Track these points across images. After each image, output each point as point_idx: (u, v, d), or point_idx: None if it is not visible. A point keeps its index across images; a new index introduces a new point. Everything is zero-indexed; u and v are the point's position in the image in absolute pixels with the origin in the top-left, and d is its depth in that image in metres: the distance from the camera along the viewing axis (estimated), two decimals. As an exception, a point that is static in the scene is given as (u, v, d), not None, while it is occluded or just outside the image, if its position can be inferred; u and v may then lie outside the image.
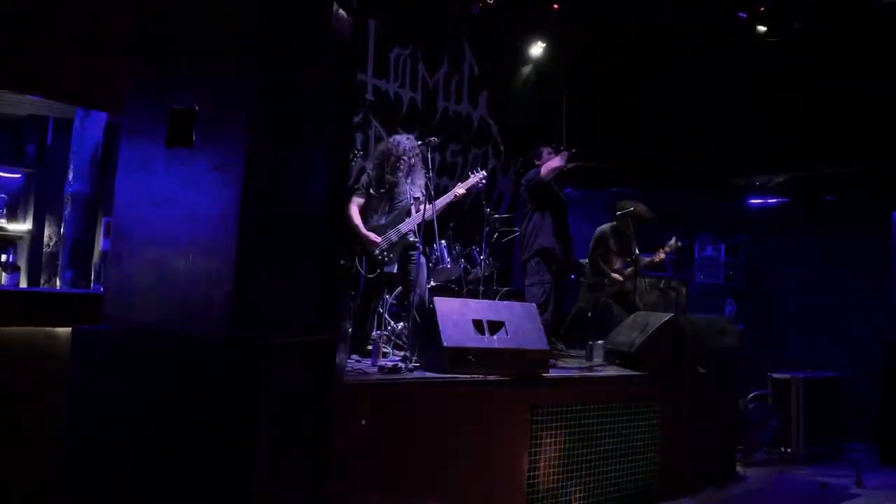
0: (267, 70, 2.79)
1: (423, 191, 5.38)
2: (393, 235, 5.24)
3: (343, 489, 3.51)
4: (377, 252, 5.17)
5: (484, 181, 5.61)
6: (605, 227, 7.14)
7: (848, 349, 7.98)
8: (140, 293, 2.91)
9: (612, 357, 5.69)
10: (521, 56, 8.57)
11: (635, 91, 8.40)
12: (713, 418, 5.83)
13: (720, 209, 9.10)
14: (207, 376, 2.72)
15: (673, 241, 7.03)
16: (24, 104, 6.07)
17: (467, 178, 5.58)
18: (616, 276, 6.95)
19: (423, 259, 5.23)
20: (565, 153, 6.03)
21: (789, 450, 6.78)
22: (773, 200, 8.74)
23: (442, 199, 5.37)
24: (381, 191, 5.26)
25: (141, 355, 2.85)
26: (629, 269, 6.88)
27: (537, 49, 8.44)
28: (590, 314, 7.17)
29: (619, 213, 6.96)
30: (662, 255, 7.06)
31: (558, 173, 6.16)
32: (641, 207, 6.97)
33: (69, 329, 3.27)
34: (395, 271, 5.29)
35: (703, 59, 7.95)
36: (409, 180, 5.32)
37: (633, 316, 6.14)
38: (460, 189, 5.42)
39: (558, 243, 6.15)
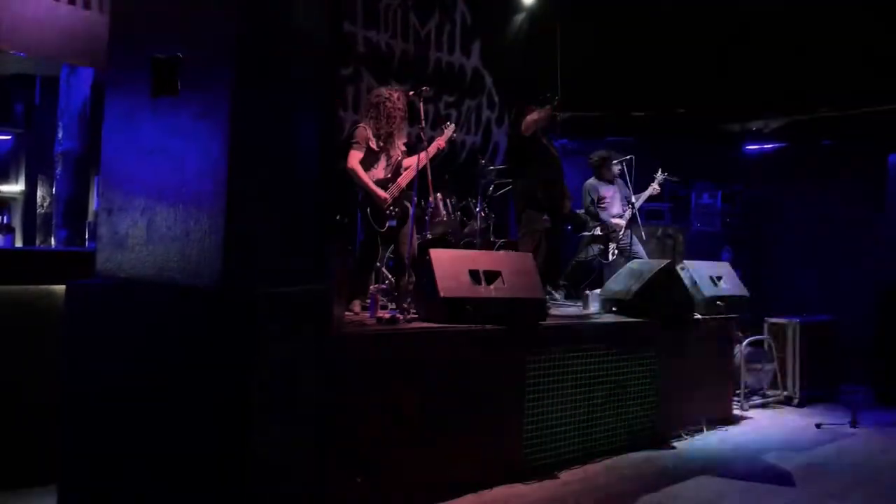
0: (250, 14, 2.73)
1: (412, 141, 5.35)
2: (395, 190, 5.22)
3: (341, 439, 3.55)
4: (387, 207, 5.16)
5: (454, 133, 5.63)
6: (590, 179, 7.22)
7: (844, 293, 8.02)
8: (131, 246, 2.89)
9: (608, 305, 5.70)
10: (513, 4, 8.42)
11: (631, 37, 8.27)
12: (710, 363, 5.88)
13: (717, 156, 9.05)
14: (201, 328, 2.72)
15: (659, 172, 7.10)
16: (9, 62, 5.96)
17: (441, 131, 5.53)
18: (617, 221, 7.01)
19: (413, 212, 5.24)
20: (548, 107, 6.01)
21: (786, 393, 6.86)
22: (770, 146, 8.68)
23: (427, 151, 5.31)
24: (381, 144, 5.22)
25: (134, 308, 2.85)
26: (628, 212, 6.95)
27: (530, -4, 8.30)
28: (593, 263, 7.21)
29: (590, 165, 7.29)
30: (657, 186, 7.09)
31: (544, 125, 6.15)
32: (603, 152, 7.27)
33: (65, 286, 3.27)
34: (395, 225, 5.28)
35: (699, 3, 7.82)
36: (400, 132, 5.30)
37: (629, 263, 6.14)
38: (442, 142, 5.38)
39: (547, 194, 6.15)
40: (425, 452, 3.96)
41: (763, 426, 6.06)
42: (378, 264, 5.56)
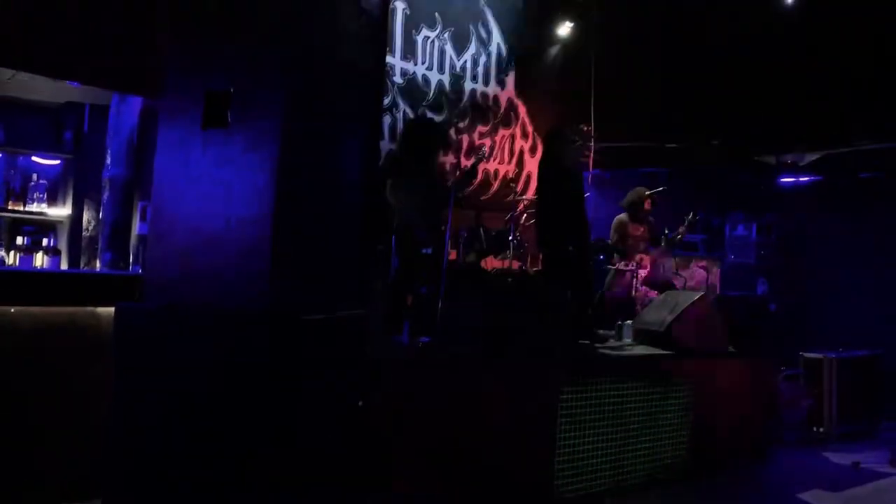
0: (299, 49, 2.84)
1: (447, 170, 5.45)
2: (432, 218, 5.30)
3: (376, 461, 3.59)
4: (424, 236, 5.24)
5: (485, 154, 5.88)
6: (622, 215, 7.21)
7: (883, 328, 7.87)
8: (179, 270, 2.99)
9: (641, 336, 5.68)
10: (549, 36, 8.54)
11: (665, 68, 8.32)
12: (744, 397, 5.81)
13: (752, 188, 9.00)
14: (245, 351, 2.80)
15: (691, 215, 7.06)
16: (62, 91, 6.19)
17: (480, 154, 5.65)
18: (642, 257, 6.99)
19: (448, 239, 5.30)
20: (584, 141, 6.04)
21: (822, 429, 6.73)
22: (806, 178, 8.63)
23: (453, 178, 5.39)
24: (416, 173, 5.33)
25: (180, 330, 2.94)
26: (655, 251, 6.94)
27: (565, 29, 8.41)
28: (619, 299, 7.18)
29: (622, 205, 7.20)
30: (682, 230, 7.07)
31: (577, 156, 6.17)
32: (639, 190, 7.12)
33: (110, 309, 3.37)
34: (430, 252, 5.35)
35: (735, 34, 7.85)
36: (434, 162, 5.41)
37: (663, 295, 6.12)
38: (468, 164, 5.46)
39: (571, 225, 6.15)
40: (456, 480, 3.97)
41: (798, 464, 5.95)
42: (413, 291, 5.61)
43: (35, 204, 6.36)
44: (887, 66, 7.40)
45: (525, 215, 7.09)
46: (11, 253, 6.04)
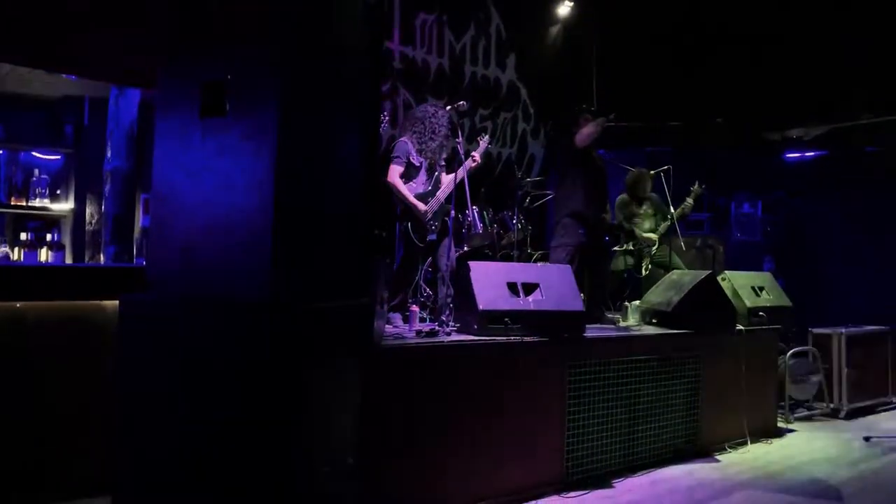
0: (297, 36, 2.81)
1: (447, 157, 5.42)
2: (435, 203, 5.28)
3: (382, 451, 3.59)
4: (428, 220, 5.22)
5: (490, 145, 5.88)
6: (623, 195, 7.18)
7: (891, 302, 7.84)
8: (181, 261, 2.98)
9: (648, 317, 5.67)
10: (548, 16, 8.47)
11: (667, 46, 8.25)
12: (754, 375, 5.79)
13: (757, 165, 8.94)
14: (247, 342, 2.78)
15: (696, 185, 7.01)
16: (60, 85, 6.18)
17: (477, 144, 5.56)
18: (649, 235, 6.96)
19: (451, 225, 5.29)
20: (602, 119, 5.94)
21: (832, 405, 6.73)
22: (811, 154, 8.56)
23: (464, 165, 5.33)
24: (422, 159, 5.30)
25: (184, 322, 2.93)
26: (662, 226, 6.91)
27: (565, 8, 8.33)
28: (625, 275, 7.17)
29: (626, 184, 7.22)
30: (690, 202, 7.02)
31: (595, 138, 6.08)
32: (638, 170, 7.16)
33: (115, 301, 3.36)
34: (435, 238, 5.34)
35: (737, 9, 7.76)
36: (442, 148, 5.37)
37: (669, 275, 6.09)
38: (477, 156, 5.39)
39: (591, 207, 6.08)
40: (465, 465, 3.97)
41: (808, 439, 5.95)
42: (417, 278, 5.61)
43: (37, 199, 6.37)
44: (886, 39, 7.32)
45: (528, 198, 7.07)
46: (16, 249, 6.04)
